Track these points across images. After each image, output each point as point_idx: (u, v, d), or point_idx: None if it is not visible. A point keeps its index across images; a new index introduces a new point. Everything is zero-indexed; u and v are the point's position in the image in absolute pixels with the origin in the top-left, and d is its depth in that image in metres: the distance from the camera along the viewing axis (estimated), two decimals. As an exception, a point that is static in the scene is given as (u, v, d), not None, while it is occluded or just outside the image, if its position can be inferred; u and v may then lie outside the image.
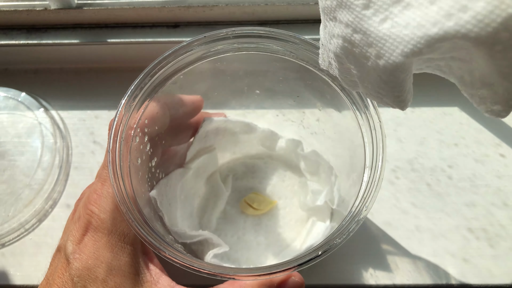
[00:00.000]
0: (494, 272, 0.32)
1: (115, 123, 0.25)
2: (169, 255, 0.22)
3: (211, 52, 0.27)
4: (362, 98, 0.25)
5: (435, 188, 0.36)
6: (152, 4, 0.38)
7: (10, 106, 0.40)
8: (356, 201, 0.24)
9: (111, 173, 0.23)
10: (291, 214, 0.34)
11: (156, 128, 0.28)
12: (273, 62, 0.28)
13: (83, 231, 0.24)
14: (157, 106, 0.27)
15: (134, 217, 0.23)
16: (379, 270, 0.33)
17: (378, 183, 0.23)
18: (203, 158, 0.33)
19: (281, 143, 0.34)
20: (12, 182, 0.37)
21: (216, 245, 0.29)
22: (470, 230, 0.34)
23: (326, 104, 0.29)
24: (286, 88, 0.31)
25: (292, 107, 0.32)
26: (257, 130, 0.34)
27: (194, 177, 0.33)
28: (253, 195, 0.35)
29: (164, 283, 0.25)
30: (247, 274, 0.21)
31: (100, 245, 0.24)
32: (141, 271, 0.25)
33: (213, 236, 0.29)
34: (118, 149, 0.24)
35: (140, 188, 0.26)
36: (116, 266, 0.24)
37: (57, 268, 0.25)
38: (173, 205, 0.31)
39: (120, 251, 0.24)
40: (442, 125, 0.39)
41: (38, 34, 0.40)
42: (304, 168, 0.34)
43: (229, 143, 0.35)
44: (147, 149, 0.28)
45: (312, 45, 0.26)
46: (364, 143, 0.25)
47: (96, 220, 0.24)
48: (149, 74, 0.26)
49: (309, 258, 0.21)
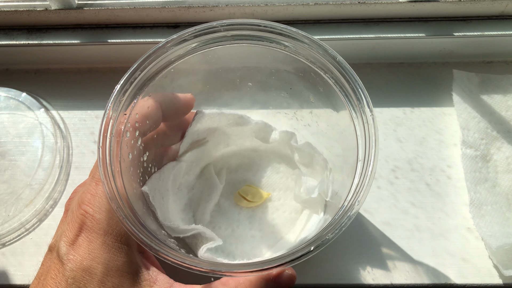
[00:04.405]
0: (493, 272, 0.33)
1: (105, 119, 0.24)
2: (161, 253, 0.21)
3: (202, 45, 0.27)
4: (355, 91, 0.25)
5: (435, 188, 0.36)
6: (152, 4, 0.38)
7: (11, 106, 0.40)
8: (349, 195, 0.23)
9: (102, 171, 0.23)
10: (285, 206, 0.34)
11: (148, 122, 0.27)
12: (265, 55, 0.28)
13: (76, 232, 0.24)
14: (148, 101, 0.27)
15: (125, 215, 0.23)
16: (378, 270, 0.33)
17: (370, 177, 0.23)
18: (196, 151, 0.33)
19: (275, 135, 0.34)
20: (12, 182, 0.37)
21: (210, 239, 0.29)
22: (469, 230, 0.34)
23: (319, 96, 0.29)
24: (278, 80, 0.31)
25: (285, 99, 0.32)
26: (251, 122, 0.33)
27: (187, 170, 0.33)
28: (247, 188, 0.35)
29: (162, 281, 0.25)
30: (239, 270, 0.21)
31: (96, 246, 0.24)
32: (139, 270, 0.25)
33: (206, 230, 0.29)
34: (109, 145, 0.24)
35: (132, 183, 0.26)
36: (114, 267, 0.24)
37: (50, 268, 0.24)
38: (166, 199, 0.30)
39: (117, 251, 0.24)
40: (441, 125, 0.39)
41: (38, 34, 0.40)
42: (298, 160, 0.34)
43: (223, 135, 0.34)
44: (138, 143, 0.27)
45: (305, 37, 0.26)
46: (356, 136, 0.25)
47: (91, 220, 0.24)
48: (139, 68, 0.26)
49: (301, 253, 0.21)
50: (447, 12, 0.39)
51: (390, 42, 0.39)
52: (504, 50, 0.40)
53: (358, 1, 0.37)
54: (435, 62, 0.41)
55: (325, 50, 0.26)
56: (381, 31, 0.39)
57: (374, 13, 0.39)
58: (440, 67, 0.41)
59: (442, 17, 0.39)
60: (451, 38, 0.39)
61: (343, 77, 0.26)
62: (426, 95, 0.40)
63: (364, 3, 0.37)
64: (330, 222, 0.23)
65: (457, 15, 0.39)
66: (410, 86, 0.41)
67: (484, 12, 0.39)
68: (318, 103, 0.30)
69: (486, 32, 0.38)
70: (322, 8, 0.38)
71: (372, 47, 0.40)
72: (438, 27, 0.39)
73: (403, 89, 0.40)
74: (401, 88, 0.40)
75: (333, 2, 0.38)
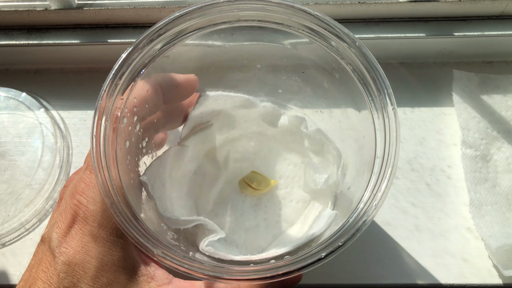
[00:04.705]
0: (493, 272, 0.33)
1: (99, 104, 0.22)
2: (157, 254, 0.20)
3: (207, 23, 0.25)
4: (376, 81, 0.23)
5: (435, 188, 0.36)
6: (152, 4, 0.38)
7: (10, 106, 0.40)
8: (364, 196, 0.21)
9: (95, 163, 0.21)
10: (292, 195, 0.33)
11: (147, 106, 0.25)
12: (276, 34, 0.26)
13: (69, 223, 0.23)
14: (147, 84, 0.25)
15: (120, 211, 0.21)
16: (378, 270, 0.33)
17: (389, 178, 0.21)
18: (200, 135, 0.31)
19: (284, 119, 0.32)
20: (12, 182, 0.37)
21: (212, 231, 0.27)
22: (469, 230, 0.34)
23: (333, 82, 0.27)
24: (290, 63, 0.28)
25: (296, 83, 0.30)
26: (258, 105, 0.31)
27: (190, 155, 0.31)
28: (252, 174, 0.33)
29: (161, 277, 0.23)
30: (242, 277, 0.20)
31: (89, 238, 0.22)
32: (135, 265, 0.23)
33: (208, 222, 0.27)
34: (103, 133, 0.22)
35: (129, 173, 0.24)
36: (109, 262, 0.22)
37: (41, 261, 0.23)
38: (167, 187, 0.29)
39: (112, 245, 0.23)
40: (441, 125, 0.39)
41: (38, 34, 0.40)
42: (308, 147, 0.31)
43: (228, 119, 0.32)
44: (137, 129, 0.25)
45: (321, 19, 0.24)
46: (375, 130, 0.23)
47: (84, 211, 0.22)
48: (137, 47, 0.23)
49: (311, 261, 0.20)
50: (447, 12, 0.39)
51: (390, 42, 0.39)
52: (504, 50, 0.40)
53: (358, 1, 0.37)
54: (435, 62, 0.41)
55: (344, 33, 0.24)
56: (381, 31, 0.39)
57: (374, 13, 0.39)
58: (440, 67, 0.41)
59: (442, 17, 0.39)
60: (451, 38, 0.39)
61: (362, 64, 0.24)
62: (426, 95, 0.40)
63: (364, 3, 0.37)
64: (343, 226, 0.21)
65: (457, 15, 0.39)
66: (410, 86, 0.41)
67: (484, 12, 0.39)
68: (333, 89, 0.28)
69: (486, 32, 0.38)
70: (322, 8, 0.38)
71: (372, 47, 0.40)
72: (438, 27, 0.39)
73: (403, 89, 0.40)
74: (401, 88, 0.40)
75: (333, 2, 0.38)
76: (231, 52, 0.29)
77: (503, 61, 0.41)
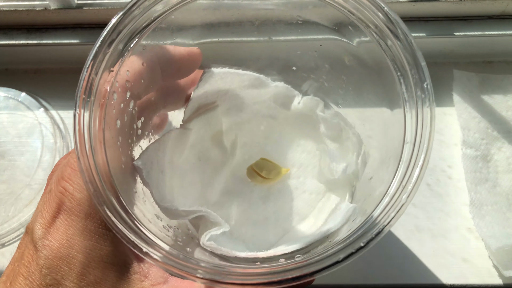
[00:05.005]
0: (493, 272, 0.32)
1: (83, 78, 0.19)
2: (145, 251, 0.18)
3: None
4: (407, 58, 0.20)
5: (435, 188, 0.36)
6: (152, 4, 0.38)
7: (10, 106, 0.40)
8: (391, 188, 0.19)
9: (78, 144, 0.19)
10: (306, 185, 0.30)
11: (143, 82, 0.22)
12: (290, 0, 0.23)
13: (54, 213, 0.20)
14: (143, 55, 0.22)
15: (105, 200, 0.18)
16: (378, 270, 0.33)
17: (422, 167, 0.18)
18: (204, 117, 0.28)
19: (298, 101, 0.29)
20: (12, 182, 0.37)
21: (215, 223, 0.24)
22: (469, 230, 0.34)
23: (356, 57, 0.24)
24: (305, 34, 0.25)
25: (313, 58, 0.26)
26: (269, 85, 0.28)
27: (193, 139, 0.28)
28: (262, 162, 0.30)
29: (155, 275, 0.21)
30: (245, 281, 0.17)
31: (75, 231, 0.20)
32: (127, 262, 0.21)
33: (211, 213, 0.24)
34: (89, 110, 0.19)
35: (120, 157, 0.21)
36: (97, 257, 0.20)
37: (24, 254, 0.21)
38: (167, 174, 0.26)
39: (101, 238, 0.20)
40: (442, 125, 0.39)
41: (38, 34, 0.40)
42: (324, 133, 0.29)
43: (235, 99, 0.29)
44: (130, 108, 0.22)
45: None
46: (404, 111, 0.20)
47: (70, 200, 0.20)
48: (129, 11, 0.20)
49: (327, 264, 0.17)
50: (447, 11, 0.38)
51: (391, 41, 0.39)
52: (505, 50, 0.40)
53: (359, 1, 0.37)
54: (435, 62, 0.41)
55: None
56: (382, 30, 0.39)
57: (374, 13, 0.38)
58: (440, 67, 0.41)
59: (443, 16, 0.39)
60: (451, 38, 0.39)
61: (392, 33, 0.20)
62: (426, 95, 0.40)
63: (364, 3, 0.37)
64: (365, 223, 0.18)
65: (458, 15, 0.39)
66: (410, 86, 0.40)
67: (484, 11, 0.39)
68: (355, 65, 0.25)
69: (486, 32, 0.38)
70: (322, 8, 0.38)
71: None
72: (439, 27, 0.39)
73: (404, 89, 0.40)
74: (402, 88, 0.40)
75: (333, 2, 0.37)
76: (240, 24, 0.25)
77: (503, 61, 0.41)
